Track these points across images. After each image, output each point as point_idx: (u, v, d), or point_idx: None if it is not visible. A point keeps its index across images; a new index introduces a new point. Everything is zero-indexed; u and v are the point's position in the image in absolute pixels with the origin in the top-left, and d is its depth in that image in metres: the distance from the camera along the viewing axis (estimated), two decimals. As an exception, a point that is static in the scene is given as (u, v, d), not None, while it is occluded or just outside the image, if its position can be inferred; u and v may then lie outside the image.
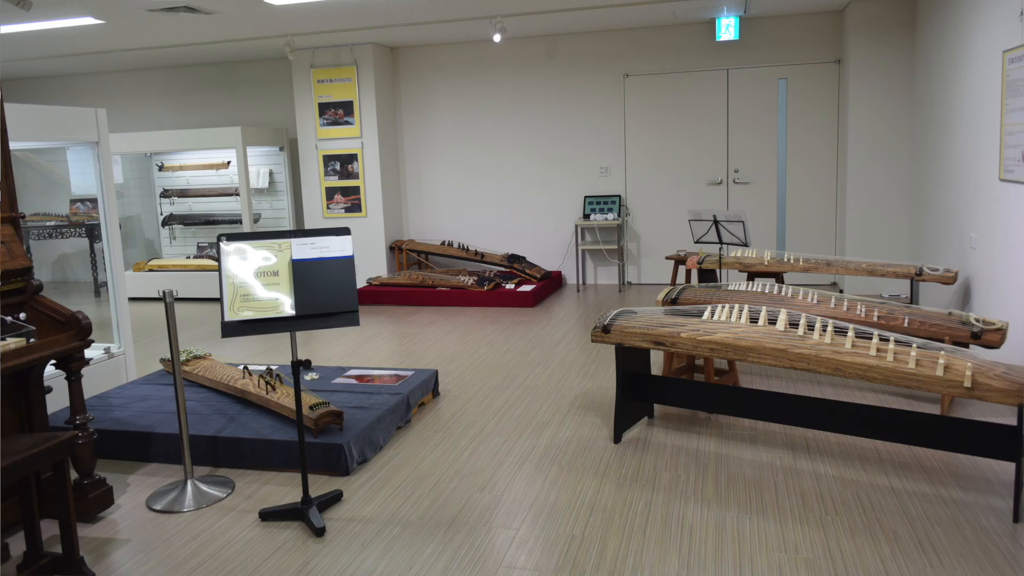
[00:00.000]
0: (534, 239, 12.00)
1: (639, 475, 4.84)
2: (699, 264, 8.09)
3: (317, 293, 4.17)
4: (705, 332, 4.96)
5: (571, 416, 5.95)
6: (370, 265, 11.79)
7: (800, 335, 4.70)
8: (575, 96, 11.58)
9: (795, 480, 4.69)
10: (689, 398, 5.52)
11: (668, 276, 10.17)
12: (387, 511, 4.49)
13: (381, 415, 5.50)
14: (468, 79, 11.93)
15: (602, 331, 5.33)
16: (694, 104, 11.17)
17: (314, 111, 11.79)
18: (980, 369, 4.09)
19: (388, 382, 6.23)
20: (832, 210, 10.81)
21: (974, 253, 6.91)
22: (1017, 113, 5.84)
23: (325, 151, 11.82)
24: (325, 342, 8.64)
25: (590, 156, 11.64)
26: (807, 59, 10.65)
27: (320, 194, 11.95)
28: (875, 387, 6.22)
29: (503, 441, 5.50)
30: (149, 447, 5.34)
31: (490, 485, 4.79)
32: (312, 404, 5.19)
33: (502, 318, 9.65)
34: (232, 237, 4.19)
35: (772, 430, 5.48)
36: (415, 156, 12.31)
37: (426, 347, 8.29)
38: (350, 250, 4.26)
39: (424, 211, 12.41)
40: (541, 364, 7.43)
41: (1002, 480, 4.55)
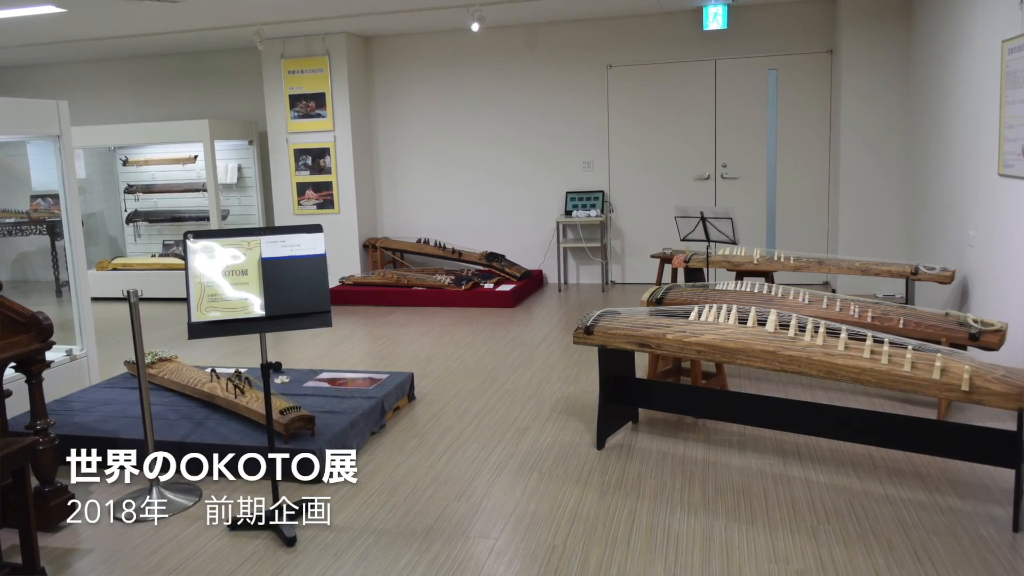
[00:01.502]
0: (514, 237, 11.98)
1: (623, 482, 4.83)
2: (685, 263, 8.11)
3: (288, 293, 4.16)
4: (692, 333, 4.95)
5: (552, 421, 5.94)
6: (343, 264, 11.72)
7: (791, 336, 4.70)
8: (556, 88, 11.56)
9: (785, 487, 4.69)
10: (675, 402, 5.52)
11: (653, 275, 10.15)
12: (361, 520, 4.47)
13: (354, 420, 5.49)
14: (445, 70, 11.90)
15: (584, 332, 5.31)
16: (680, 96, 11.17)
17: (284, 103, 11.75)
18: (978, 372, 4.08)
19: (362, 385, 6.23)
20: (824, 206, 10.83)
21: (972, 251, 6.92)
22: (1016, 105, 5.84)
23: (296, 145, 11.79)
24: (296, 344, 8.62)
25: (572, 150, 11.64)
26: (798, 49, 10.67)
27: (291, 190, 11.92)
28: (869, 391, 6.22)
29: (481, 447, 5.49)
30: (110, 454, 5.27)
31: (468, 493, 4.78)
32: (282, 408, 5.17)
33: (480, 319, 9.64)
34: (199, 235, 4.18)
35: (761, 435, 5.47)
36: (390, 150, 12.28)
37: (401, 349, 8.29)
38: (322, 248, 4.26)
39: (399, 207, 12.39)
40: (521, 367, 7.43)
41: (1001, 488, 4.55)
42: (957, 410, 5.74)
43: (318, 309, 4.21)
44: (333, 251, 11.57)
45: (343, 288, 11.06)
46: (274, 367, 4.29)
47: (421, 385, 6.91)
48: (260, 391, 5.63)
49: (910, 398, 6.03)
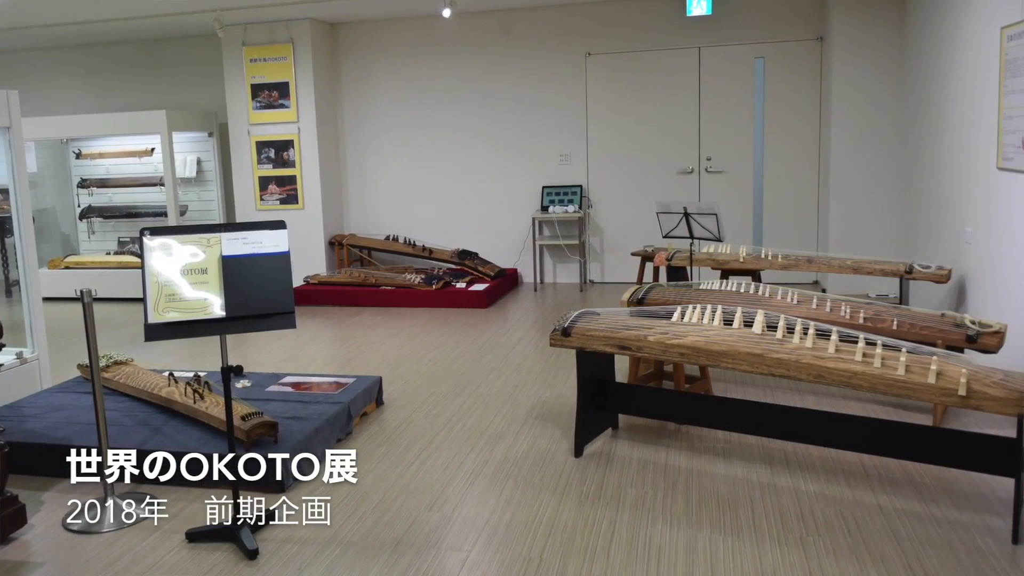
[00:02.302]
0: (487, 234, 11.96)
1: (602, 492, 4.83)
2: (668, 261, 8.11)
3: (249, 292, 4.16)
4: (674, 335, 4.94)
5: (528, 427, 5.94)
6: (307, 262, 11.68)
7: (779, 339, 4.70)
8: (532, 77, 11.55)
9: (773, 497, 4.69)
10: (657, 407, 5.51)
11: (634, 274, 10.16)
12: (326, 531, 4.46)
13: (319, 426, 5.48)
14: (415, 59, 11.87)
15: (562, 334, 5.30)
16: (663, 86, 11.17)
17: (246, 93, 11.71)
18: (976, 376, 4.08)
19: (327, 390, 6.23)
20: (814, 202, 10.85)
21: (969, 249, 6.94)
22: (1016, 95, 5.85)
23: (258, 137, 11.75)
24: (258, 346, 8.60)
25: (549, 143, 11.62)
26: (786, 36, 10.69)
27: (253, 184, 11.88)
28: (861, 396, 6.23)
29: (453, 455, 5.48)
30: (66, 461, 5.21)
31: (439, 503, 4.77)
32: (244, 414, 5.16)
33: (452, 320, 9.64)
34: (156, 231, 4.18)
35: (748, 443, 5.47)
36: (357, 143, 12.26)
37: (369, 351, 8.28)
38: (286, 245, 4.26)
39: (367, 203, 12.37)
40: (495, 370, 7.43)
41: (1000, 497, 4.55)
42: (954, 416, 5.76)
43: (281, 310, 4.21)
44: (297, 249, 11.49)
45: (308, 287, 11.04)
46: (235, 371, 4.37)
47: (390, 390, 6.89)
48: (220, 396, 5.62)
49: (904, 403, 6.04)
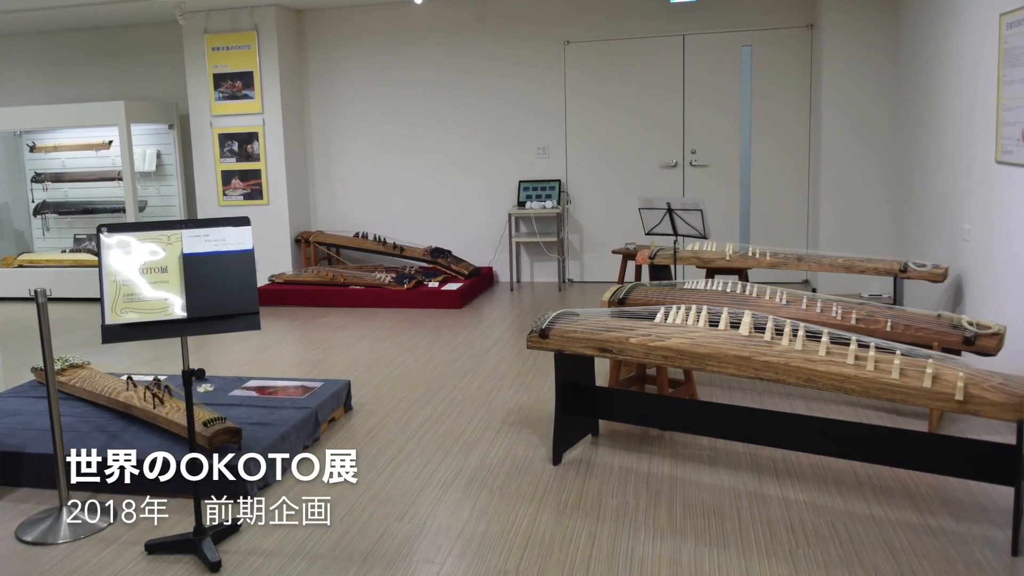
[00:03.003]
0: (461, 230, 11.96)
1: (582, 501, 4.83)
2: (651, 259, 8.12)
3: (212, 292, 4.18)
4: (658, 337, 4.94)
5: (504, 434, 5.95)
6: (273, 260, 11.68)
7: (767, 341, 4.70)
8: (508, 66, 11.54)
9: (761, 507, 4.69)
10: (639, 413, 5.50)
11: (615, 273, 10.15)
12: (292, 543, 4.47)
13: (285, 432, 5.50)
14: (386, 47, 11.84)
15: (539, 336, 5.30)
16: (645, 75, 11.18)
17: (208, 83, 11.69)
18: (974, 380, 4.09)
19: (293, 394, 6.25)
20: (804, 197, 10.87)
21: (967, 246, 6.95)
22: (1016, 86, 5.85)
23: (221, 129, 11.74)
24: (221, 349, 8.61)
25: (526, 135, 11.62)
26: (775, 23, 10.71)
27: (215, 179, 11.87)
28: (853, 401, 6.25)
29: (425, 462, 5.49)
30: (18, 470, 5.30)
31: (411, 513, 4.78)
32: (206, 420, 5.18)
33: (424, 321, 9.65)
34: (114, 228, 4.19)
35: (734, 450, 5.48)
36: (324, 135, 12.24)
37: (337, 354, 8.30)
38: (250, 243, 4.28)
39: (335, 198, 12.35)
40: (469, 374, 7.44)
41: (999, 508, 4.56)
42: (950, 422, 5.78)
43: (245, 310, 4.23)
44: (262, 246, 11.62)
45: (273, 287, 11.03)
46: (196, 374, 4.31)
47: (359, 394, 6.90)
48: (181, 401, 5.62)
49: (898, 408, 6.06)
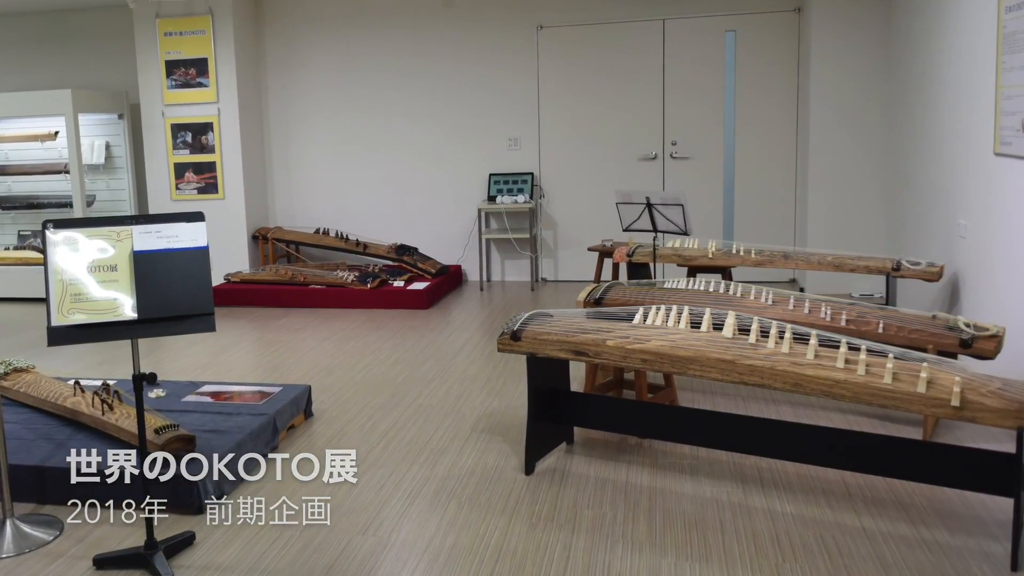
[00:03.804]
0: (428, 226, 11.97)
1: (556, 513, 4.83)
2: (629, 257, 8.13)
3: (164, 292, 4.18)
4: (636, 340, 4.94)
5: (473, 442, 5.96)
6: (229, 258, 11.65)
7: (752, 343, 4.71)
8: (478, 52, 11.55)
9: (745, 519, 4.70)
10: (617, 420, 5.50)
11: (591, 271, 10.17)
12: (249, 557, 4.47)
13: (242, 440, 5.49)
14: (349, 32, 11.84)
15: (511, 338, 5.31)
16: (623, 62, 11.20)
17: (160, 71, 11.66)
18: (971, 384, 4.10)
19: (250, 400, 6.27)
20: (791, 191, 10.91)
21: (963, 243, 6.97)
22: (1015, 73, 5.87)
23: (174, 119, 11.73)
24: (174, 352, 8.61)
25: (496, 125, 11.64)
26: (760, 7, 10.76)
27: (168, 172, 11.85)
28: (843, 407, 6.27)
29: (390, 472, 5.50)
30: None
31: (374, 525, 4.78)
32: (158, 427, 5.18)
33: (389, 322, 9.67)
34: (61, 224, 4.18)
35: (718, 459, 5.49)
36: (284, 126, 12.23)
37: (297, 357, 8.31)
38: (204, 240, 4.28)
39: (294, 193, 12.34)
40: (437, 378, 7.46)
41: (997, 520, 4.58)
42: (946, 429, 5.80)
43: (199, 311, 4.23)
44: (217, 243, 11.45)
45: (229, 286, 11.00)
46: (148, 379, 4.31)
47: (320, 400, 6.90)
48: (132, 407, 5.55)
49: (891, 415, 6.08)
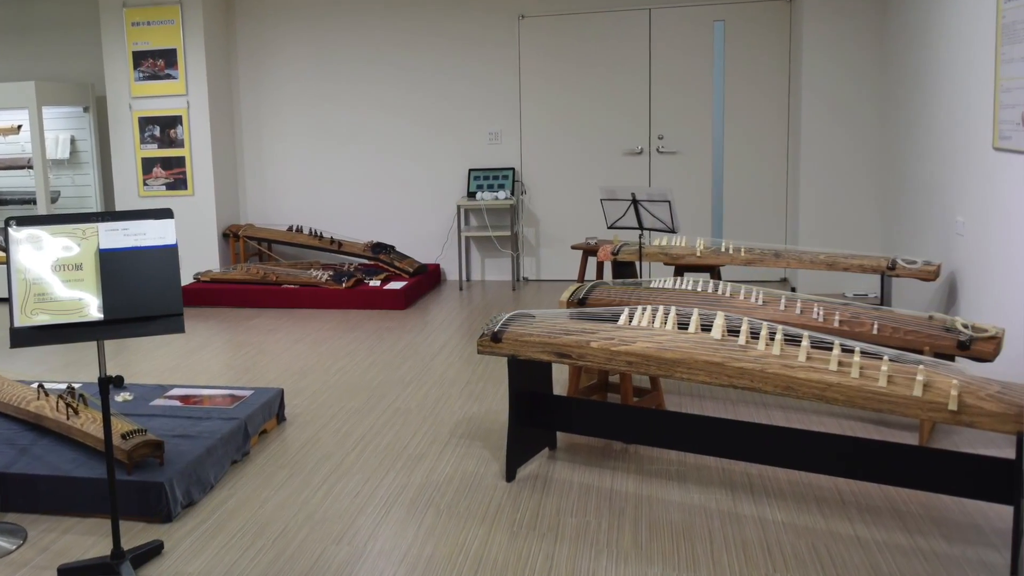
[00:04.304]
0: (405, 224, 11.96)
1: (538, 521, 4.83)
2: (614, 255, 8.10)
3: (131, 292, 4.17)
4: (621, 341, 4.93)
5: (452, 447, 5.95)
6: (198, 256, 11.66)
7: (741, 345, 4.70)
8: (457, 43, 11.54)
9: (735, 528, 4.69)
10: (601, 424, 5.48)
11: (574, 270, 10.18)
12: (220, 567, 4.44)
13: (212, 446, 5.50)
14: (323, 22, 11.82)
15: (491, 340, 5.29)
16: (607, 53, 11.19)
17: (127, 62, 11.62)
18: (969, 388, 4.10)
19: (221, 404, 6.27)
20: (782, 187, 10.92)
21: (961, 241, 6.98)
22: (1015, 64, 5.88)
23: (141, 112, 11.69)
24: (142, 353, 8.59)
25: (476, 119, 11.63)
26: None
27: (135, 167, 11.81)
28: (836, 411, 6.30)
29: (366, 479, 5.49)
30: None
31: (350, 534, 4.77)
32: (125, 432, 5.16)
33: (365, 323, 9.65)
34: (24, 221, 4.17)
35: (706, 464, 5.49)
36: (255, 119, 12.20)
37: (269, 360, 8.29)
38: (173, 237, 4.28)
39: (267, 189, 12.32)
40: (414, 382, 7.44)
41: (996, 528, 4.59)
42: (943, 434, 5.81)
43: (168, 311, 4.22)
44: (186, 241, 11.64)
45: (198, 286, 10.99)
46: (114, 382, 4.30)
47: (293, 404, 6.91)
48: (97, 411, 5.65)
49: (886, 419, 6.10)
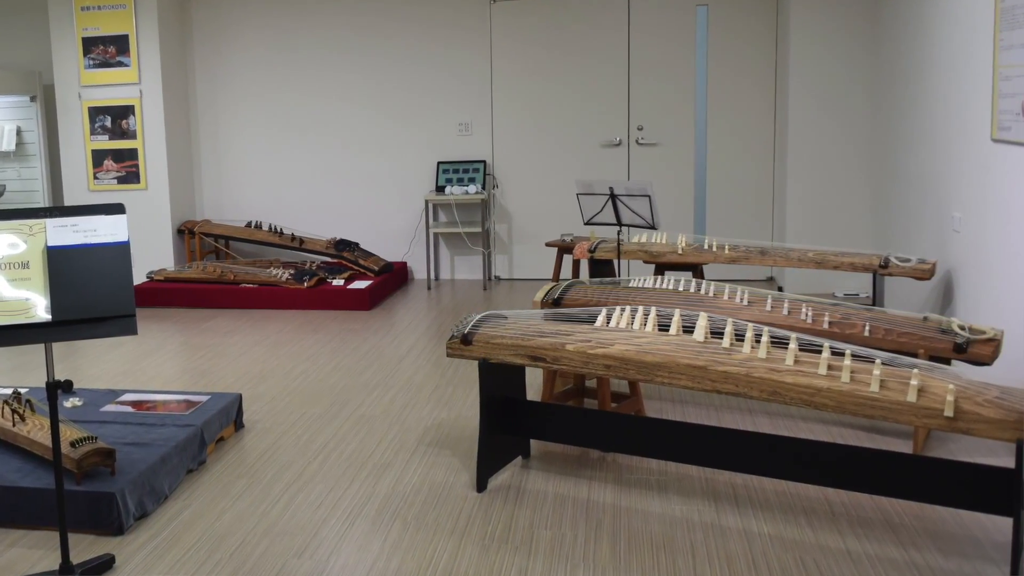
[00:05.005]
0: (371, 220, 11.97)
1: (511, 534, 4.83)
2: (591, 253, 8.12)
3: (81, 292, 4.15)
4: (599, 343, 4.94)
5: (420, 456, 5.95)
6: (152, 254, 11.63)
7: (725, 347, 4.70)
8: (425, 29, 11.54)
9: (719, 540, 4.69)
10: (577, 431, 5.48)
11: (549, 269, 10.18)
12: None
13: (166, 454, 5.49)
14: (283, 6, 11.82)
15: (461, 342, 5.30)
16: (584, 39, 11.21)
17: (77, 49, 11.56)
18: (965, 393, 4.11)
19: (176, 410, 6.27)
20: (768, 181, 10.94)
21: (958, 238, 6.99)
22: (1015, 51, 5.89)
23: (91, 102, 11.65)
24: (92, 357, 8.57)
25: (445, 109, 11.63)
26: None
27: (85, 159, 11.77)
28: (826, 417, 6.31)
29: (329, 489, 5.49)
30: None
31: (312, 547, 4.77)
32: (74, 440, 5.15)
33: (328, 324, 9.65)
34: None
35: (688, 474, 5.49)
36: (212, 109, 12.18)
37: (226, 363, 8.29)
38: (125, 234, 4.26)
39: (224, 183, 12.29)
40: (380, 386, 7.44)
41: (995, 541, 4.60)
42: (939, 442, 5.83)
43: (120, 312, 4.20)
44: (139, 238, 11.58)
45: (152, 285, 10.95)
46: (63, 387, 4.26)
47: (251, 410, 6.91)
48: (45, 417, 5.64)
49: (879, 426, 6.12)
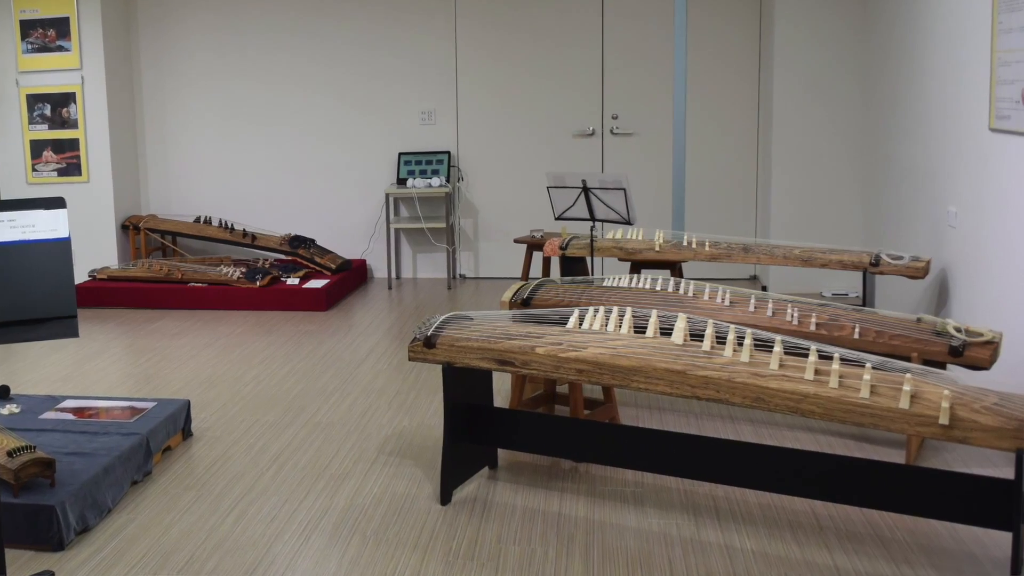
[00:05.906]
0: (327, 214, 11.97)
1: (477, 550, 4.84)
2: (562, 250, 8.10)
3: (18, 291, 4.15)
4: (570, 346, 4.93)
5: (380, 466, 5.96)
6: (94, 251, 11.60)
7: (706, 351, 4.70)
8: (385, 11, 11.54)
9: (699, 556, 4.69)
10: (548, 440, 5.49)
11: (518, 267, 10.19)
12: None
13: (109, 464, 5.48)
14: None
15: (424, 345, 5.29)
16: (555, 22, 11.23)
17: (14, 32, 11.51)
18: (962, 399, 4.11)
19: (119, 417, 6.25)
20: (752, 173, 10.97)
21: (954, 234, 7.01)
22: (1014, 35, 5.90)
23: (30, 89, 11.61)
24: (29, 361, 8.54)
25: (407, 97, 11.65)
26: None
27: (22, 150, 11.72)
28: (813, 425, 6.34)
29: (283, 501, 5.50)
30: None
31: (265, 564, 4.76)
32: (11, 449, 5.15)
33: (282, 326, 9.66)
34: None
35: (666, 486, 5.50)
36: (158, 97, 12.14)
37: (174, 368, 8.28)
38: (66, 230, 4.26)
39: (171, 175, 12.26)
40: (337, 392, 7.44)
41: (992, 556, 4.61)
42: (933, 451, 5.85)
43: (60, 313, 4.20)
44: (81, 234, 11.55)
45: (94, 284, 10.91)
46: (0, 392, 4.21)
47: (200, 417, 6.90)
48: None
49: (869, 435, 6.14)
